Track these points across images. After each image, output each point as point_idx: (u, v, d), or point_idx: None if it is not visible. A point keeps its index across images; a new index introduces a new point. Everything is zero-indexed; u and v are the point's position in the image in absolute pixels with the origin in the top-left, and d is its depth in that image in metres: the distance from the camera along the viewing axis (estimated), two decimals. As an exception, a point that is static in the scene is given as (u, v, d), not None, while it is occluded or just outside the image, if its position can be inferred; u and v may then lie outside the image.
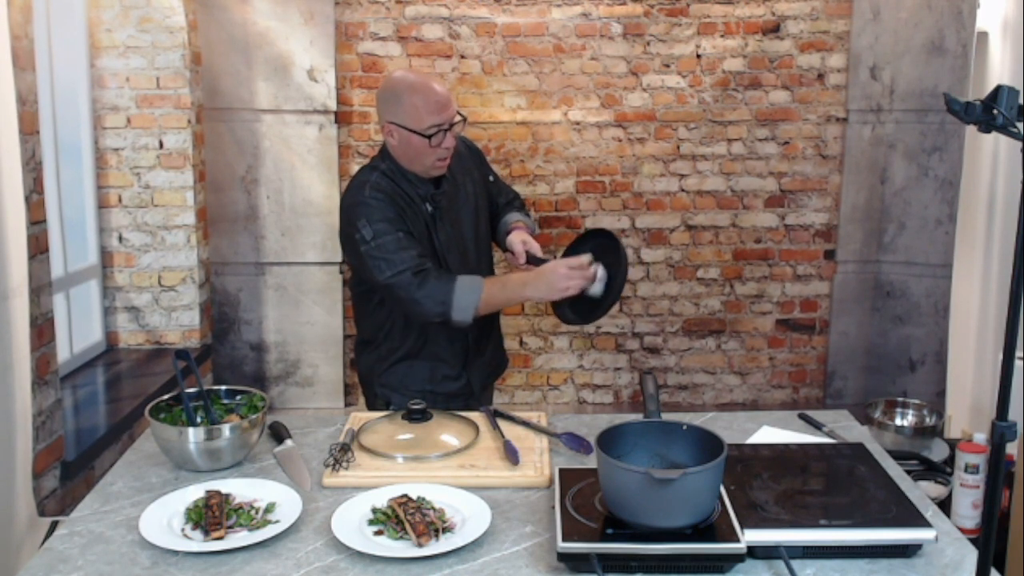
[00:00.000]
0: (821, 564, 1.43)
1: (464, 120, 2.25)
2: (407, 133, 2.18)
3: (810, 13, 4.00)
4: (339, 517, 1.54)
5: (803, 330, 4.25)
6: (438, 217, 2.29)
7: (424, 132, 2.16)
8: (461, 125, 2.24)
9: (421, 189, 2.26)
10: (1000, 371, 1.24)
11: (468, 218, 2.37)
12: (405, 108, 2.17)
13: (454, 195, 2.34)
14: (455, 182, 2.35)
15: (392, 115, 2.20)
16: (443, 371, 2.36)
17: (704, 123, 4.07)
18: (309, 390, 4.12)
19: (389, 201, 2.21)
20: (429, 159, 2.21)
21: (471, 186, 2.39)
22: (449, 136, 2.19)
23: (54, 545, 1.52)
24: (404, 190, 2.25)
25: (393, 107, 2.19)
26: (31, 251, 2.38)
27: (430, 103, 2.16)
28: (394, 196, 2.23)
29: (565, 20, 3.97)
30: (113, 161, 3.63)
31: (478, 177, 2.43)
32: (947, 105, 1.25)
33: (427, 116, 2.16)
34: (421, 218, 2.26)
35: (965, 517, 2.47)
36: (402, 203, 2.24)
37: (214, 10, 3.80)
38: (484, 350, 2.45)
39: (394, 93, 2.20)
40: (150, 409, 1.82)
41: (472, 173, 2.41)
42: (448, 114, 2.18)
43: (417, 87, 2.19)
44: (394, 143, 2.22)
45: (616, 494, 1.44)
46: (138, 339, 3.73)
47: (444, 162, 2.25)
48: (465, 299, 2.15)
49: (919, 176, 3.98)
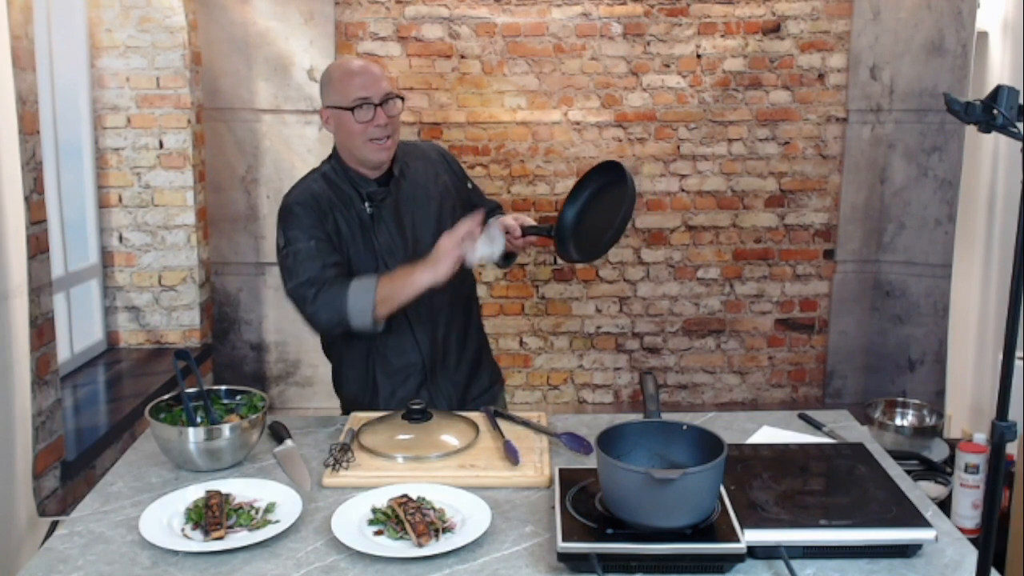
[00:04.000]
0: (821, 564, 1.43)
1: (401, 99, 2.17)
2: (338, 112, 2.14)
3: (810, 13, 4.00)
4: (339, 517, 1.54)
5: (803, 330, 4.25)
6: (378, 217, 2.19)
7: (348, 106, 2.12)
8: (396, 104, 2.15)
9: (362, 187, 2.19)
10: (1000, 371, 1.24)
11: (426, 220, 2.24)
12: (334, 86, 2.15)
13: (408, 195, 2.24)
14: (413, 182, 2.25)
15: (326, 99, 2.18)
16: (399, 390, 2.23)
17: (704, 123, 4.07)
18: (309, 390, 4.12)
19: (313, 206, 2.16)
20: (360, 138, 2.13)
21: (435, 188, 2.28)
22: (380, 114, 2.11)
23: (54, 545, 1.52)
24: (342, 190, 2.19)
25: (326, 90, 2.18)
26: (31, 251, 2.38)
27: (355, 77, 2.13)
28: (323, 199, 2.17)
29: (565, 20, 3.97)
30: (113, 161, 3.63)
31: (448, 181, 2.32)
32: (947, 105, 1.25)
33: (352, 90, 2.11)
34: (357, 219, 2.18)
35: (965, 517, 2.47)
36: (332, 206, 2.17)
37: (214, 10, 3.80)
38: (448, 363, 2.28)
39: (326, 76, 2.19)
40: (150, 409, 1.82)
41: (440, 177, 2.31)
42: (375, 89, 2.12)
43: (344, 65, 2.19)
44: (332, 129, 2.19)
45: (616, 494, 1.44)
46: (138, 339, 3.73)
47: (380, 144, 2.14)
48: (359, 302, 2.05)
49: (919, 176, 3.98)
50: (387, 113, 2.13)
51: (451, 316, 2.28)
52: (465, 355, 2.33)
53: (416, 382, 2.24)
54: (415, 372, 2.24)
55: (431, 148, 2.40)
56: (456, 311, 2.29)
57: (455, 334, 2.30)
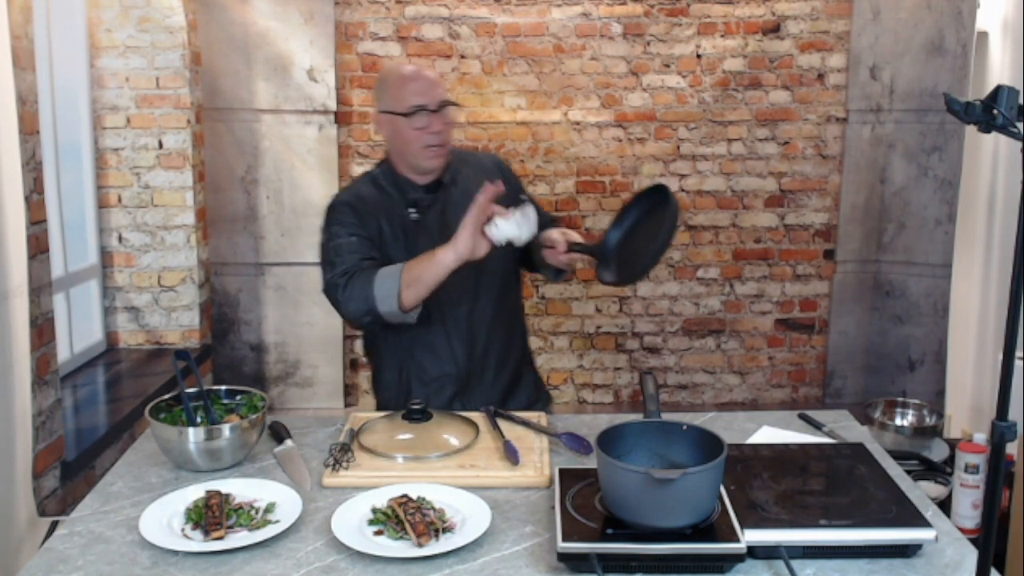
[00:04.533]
0: (821, 564, 1.43)
1: (456, 105, 2.18)
2: (393, 118, 2.13)
3: (810, 13, 4.00)
4: (339, 517, 1.54)
5: (802, 330, 4.25)
6: (422, 224, 2.18)
7: (405, 112, 2.11)
8: (451, 111, 2.16)
9: (409, 193, 2.20)
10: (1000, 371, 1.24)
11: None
12: (390, 92, 2.15)
13: (455, 204, 2.19)
14: (463, 190, 2.20)
15: (381, 104, 2.17)
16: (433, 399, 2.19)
17: (704, 123, 4.07)
18: (309, 390, 4.12)
19: (358, 207, 2.17)
20: (415, 145, 2.13)
21: None
22: (436, 120, 2.11)
23: (54, 545, 1.52)
24: (389, 195, 2.20)
25: (381, 95, 2.18)
26: (31, 251, 2.38)
27: (412, 83, 2.12)
28: (369, 202, 2.18)
29: (565, 20, 3.98)
30: (113, 161, 3.63)
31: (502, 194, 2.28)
32: (947, 105, 1.25)
33: (409, 96, 2.10)
34: (400, 224, 2.18)
35: (965, 517, 2.47)
36: (378, 210, 2.17)
37: (214, 10, 3.80)
38: (485, 378, 2.25)
39: (381, 80, 2.19)
40: (150, 409, 1.82)
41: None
42: (432, 95, 2.11)
43: (401, 70, 2.17)
44: (386, 136, 2.20)
45: (616, 494, 1.44)
46: (138, 339, 3.73)
47: (435, 151, 2.14)
48: (385, 286, 2.02)
49: (919, 176, 3.98)
50: (442, 120, 2.12)
51: (492, 330, 2.24)
52: (504, 371, 2.28)
53: (450, 393, 2.22)
54: (449, 383, 2.22)
55: (487, 157, 2.38)
56: (498, 326, 2.25)
57: (495, 349, 2.26)
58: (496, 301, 2.24)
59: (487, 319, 2.23)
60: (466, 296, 2.20)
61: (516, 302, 2.36)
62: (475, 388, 2.24)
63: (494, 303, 2.23)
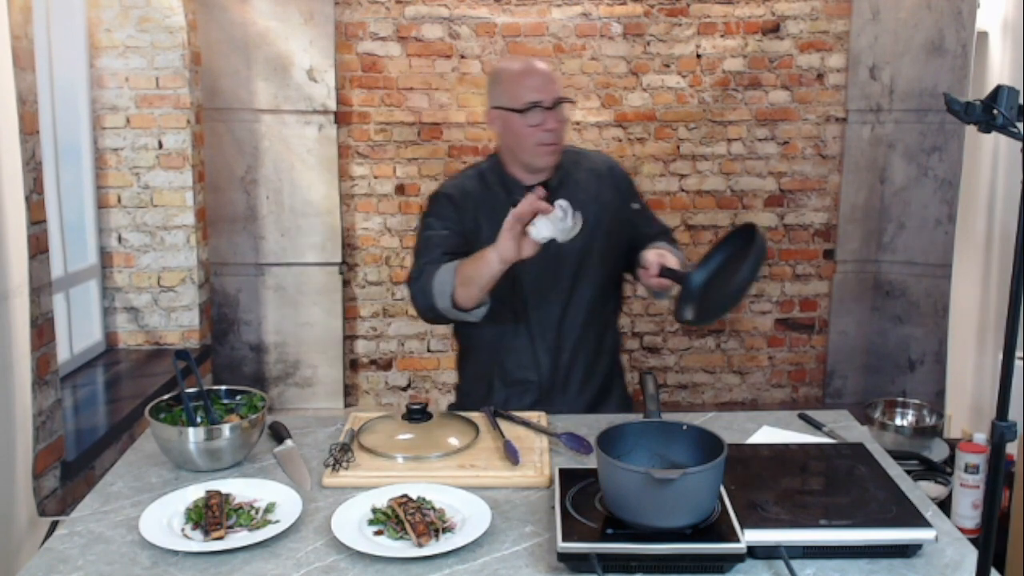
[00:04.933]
0: (821, 564, 1.43)
1: (571, 102, 2.11)
2: (506, 114, 2.08)
3: (810, 13, 4.00)
4: (339, 517, 1.54)
5: (802, 329, 4.25)
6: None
7: (519, 108, 2.05)
8: (566, 108, 2.10)
9: (515, 194, 2.08)
10: (1000, 371, 1.24)
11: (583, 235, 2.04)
12: (504, 87, 2.09)
13: None
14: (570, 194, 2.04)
15: (494, 99, 2.12)
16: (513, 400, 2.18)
17: (704, 123, 4.07)
18: (309, 390, 4.12)
19: (458, 200, 2.16)
20: (529, 141, 2.08)
21: (593, 204, 2.14)
22: (551, 117, 2.06)
23: (54, 545, 1.52)
24: (494, 192, 2.15)
25: (495, 90, 2.12)
26: (31, 251, 2.38)
27: (527, 78, 2.07)
28: (472, 196, 2.15)
29: (565, 20, 3.98)
30: (112, 161, 3.63)
31: (611, 199, 2.21)
32: (947, 105, 1.25)
33: (524, 92, 2.05)
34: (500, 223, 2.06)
35: (965, 517, 2.47)
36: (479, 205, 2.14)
37: (214, 10, 3.80)
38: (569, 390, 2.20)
39: (495, 76, 2.13)
40: (150, 409, 1.82)
41: (602, 193, 2.20)
42: (548, 91, 2.06)
43: (515, 65, 2.12)
44: (498, 132, 2.14)
45: (616, 494, 1.44)
46: (137, 339, 3.73)
47: (548, 148, 2.09)
48: (442, 282, 2.02)
49: (918, 176, 3.98)
50: (557, 118, 2.08)
51: (581, 341, 2.20)
52: (590, 384, 2.23)
53: (531, 399, 2.18)
54: (531, 389, 2.19)
55: (602, 161, 2.29)
56: (588, 336, 2.20)
57: (582, 360, 2.21)
58: (589, 312, 2.18)
59: (576, 328, 2.18)
60: (557, 302, 2.15)
61: (611, 316, 2.29)
62: (557, 398, 2.19)
63: (586, 313, 2.17)
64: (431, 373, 4.21)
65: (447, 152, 4.05)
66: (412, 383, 4.22)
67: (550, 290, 2.15)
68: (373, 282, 4.14)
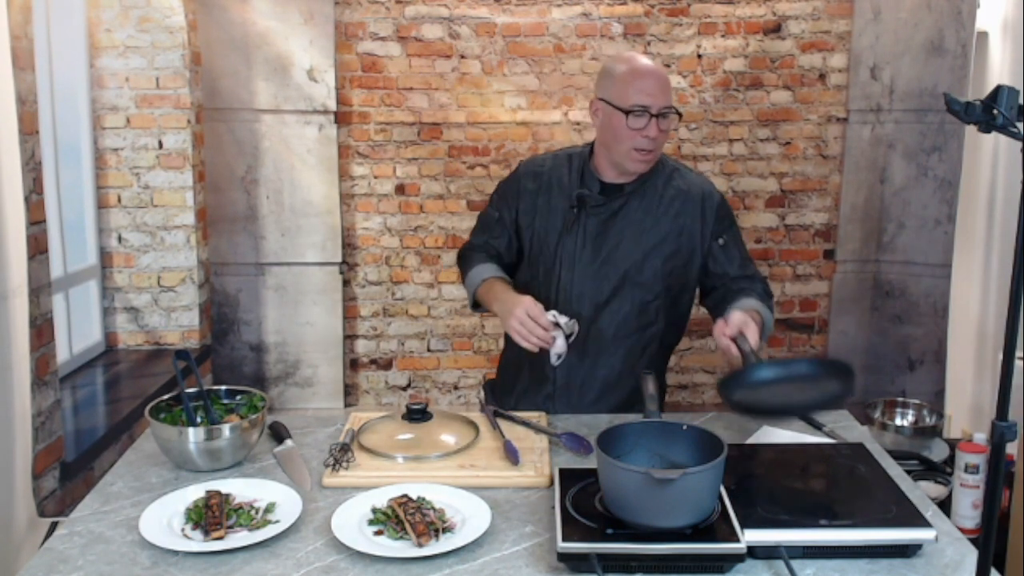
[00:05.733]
0: (821, 564, 1.43)
1: (679, 115, 2.07)
2: (610, 110, 2.05)
3: (811, 13, 4.00)
4: (339, 517, 1.54)
5: (802, 330, 4.25)
6: (581, 222, 2.13)
7: (625, 108, 2.02)
8: (671, 119, 2.06)
9: (583, 188, 2.13)
10: (1000, 371, 1.24)
11: (632, 248, 2.12)
12: (615, 82, 2.06)
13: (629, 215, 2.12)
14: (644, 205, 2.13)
15: (602, 91, 2.10)
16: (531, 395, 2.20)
17: (705, 123, 4.07)
18: (309, 390, 4.12)
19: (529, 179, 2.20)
20: (626, 144, 2.04)
21: (667, 223, 2.13)
22: (653, 125, 2.02)
23: (54, 545, 1.52)
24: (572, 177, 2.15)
25: (605, 82, 2.10)
26: (30, 251, 2.38)
27: (640, 80, 2.03)
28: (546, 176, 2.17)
29: (565, 20, 3.97)
30: (112, 161, 3.63)
31: (690, 226, 2.15)
32: (947, 105, 1.25)
33: (633, 94, 2.02)
34: (561, 215, 2.14)
35: (965, 517, 2.47)
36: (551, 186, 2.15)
37: (214, 10, 3.80)
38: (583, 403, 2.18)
39: (609, 68, 2.10)
40: (150, 409, 1.82)
41: (683, 216, 2.14)
42: (658, 99, 2.02)
43: (633, 64, 2.07)
44: (598, 123, 2.12)
45: (616, 494, 1.44)
46: (137, 339, 3.73)
47: (643, 155, 2.05)
48: (471, 282, 2.21)
49: (919, 176, 3.98)
50: (660, 127, 2.04)
51: (606, 353, 2.16)
52: (609, 398, 2.19)
53: (546, 395, 2.19)
54: (548, 386, 2.18)
55: (698, 184, 2.20)
56: (615, 351, 2.17)
57: (605, 372, 2.17)
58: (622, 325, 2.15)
59: (606, 339, 2.15)
60: (591, 307, 2.13)
61: (653, 337, 2.19)
62: (574, 401, 2.17)
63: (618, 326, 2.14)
64: (431, 373, 4.21)
65: (447, 152, 4.05)
66: (412, 383, 4.22)
67: (586, 294, 2.14)
68: (373, 282, 4.14)
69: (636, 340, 2.18)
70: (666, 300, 2.19)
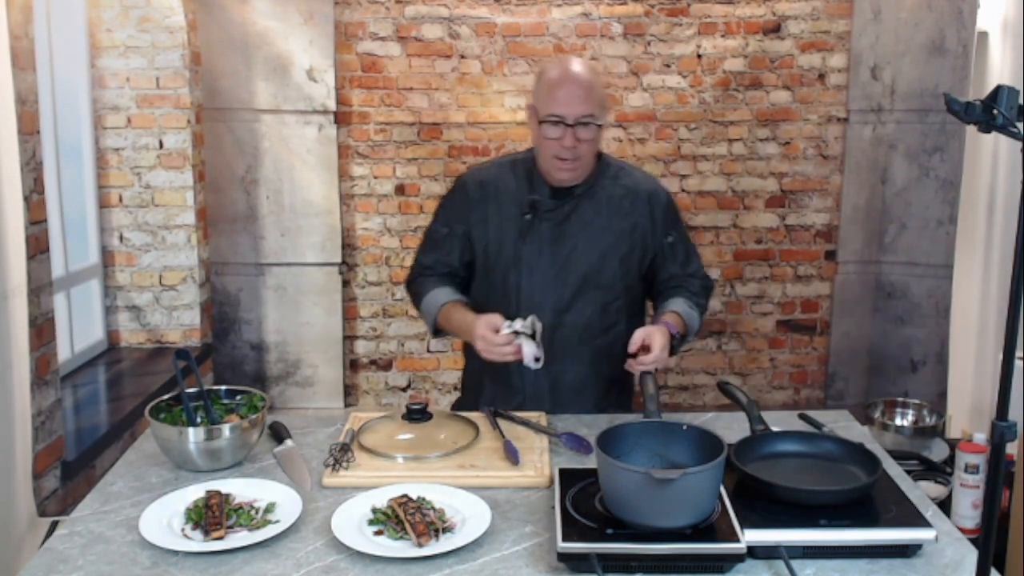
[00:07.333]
0: (821, 564, 1.43)
1: (599, 125, 2.02)
2: (533, 112, 2.06)
3: (811, 13, 4.00)
4: (339, 517, 1.54)
5: (804, 331, 4.25)
6: (535, 228, 2.10)
7: (540, 118, 2.01)
8: (592, 129, 2.01)
9: (537, 190, 2.10)
10: (1000, 371, 1.24)
11: (587, 251, 2.11)
12: (539, 87, 2.06)
13: (581, 218, 2.10)
14: (595, 208, 2.11)
15: (533, 95, 2.10)
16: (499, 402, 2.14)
17: (705, 123, 4.07)
18: (309, 390, 4.12)
19: (473, 191, 2.15)
20: (547, 152, 2.03)
21: (619, 224, 2.12)
22: (569, 135, 1.98)
23: (54, 545, 1.52)
24: (520, 183, 2.12)
25: (535, 87, 2.09)
26: (31, 251, 2.38)
27: (559, 89, 2.00)
28: (492, 185, 2.14)
29: (565, 20, 3.97)
30: (113, 161, 3.64)
31: (640, 225, 2.14)
32: (947, 105, 1.25)
33: (549, 103, 2.00)
34: (514, 223, 2.11)
35: (965, 517, 2.47)
36: (498, 195, 2.12)
37: (214, 10, 3.80)
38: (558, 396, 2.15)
39: (540, 73, 2.09)
40: (150, 409, 1.82)
41: (632, 216, 2.13)
42: (572, 109, 1.98)
43: (556, 72, 2.04)
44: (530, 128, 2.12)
45: (616, 494, 1.44)
46: (139, 338, 3.73)
47: (564, 164, 2.03)
48: (427, 311, 2.17)
49: (920, 176, 3.98)
50: (578, 136, 2.00)
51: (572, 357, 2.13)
52: (582, 398, 2.17)
53: (517, 403, 2.16)
54: (516, 394, 2.16)
55: (645, 183, 2.19)
56: (581, 354, 2.15)
57: (573, 376, 2.15)
58: (585, 329, 2.13)
59: (570, 344, 2.12)
60: (551, 314, 2.10)
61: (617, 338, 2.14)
62: (546, 406, 2.13)
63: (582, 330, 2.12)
64: (431, 373, 4.21)
65: (447, 152, 4.05)
66: (412, 383, 4.22)
67: (547, 300, 2.12)
68: (373, 282, 4.14)
69: (601, 342, 2.16)
70: (626, 300, 2.18)
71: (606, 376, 2.19)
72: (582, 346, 2.15)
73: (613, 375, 2.18)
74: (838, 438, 1.75)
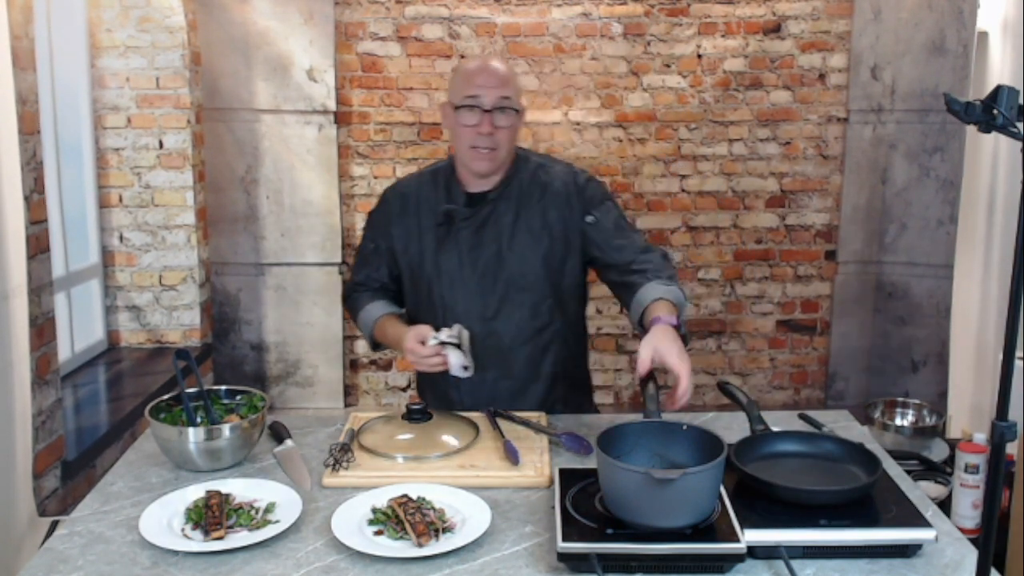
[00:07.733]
0: (821, 564, 1.43)
1: (516, 111, 1.99)
2: (449, 109, 2.02)
3: (811, 13, 3.99)
4: (339, 517, 1.54)
5: (804, 331, 4.25)
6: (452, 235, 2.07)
7: (456, 104, 1.98)
8: (509, 115, 1.98)
9: (449, 202, 2.07)
10: (1000, 371, 1.24)
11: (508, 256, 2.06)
12: (454, 79, 2.05)
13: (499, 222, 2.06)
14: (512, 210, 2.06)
15: (448, 92, 2.07)
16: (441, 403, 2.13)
17: (705, 123, 4.07)
18: (309, 390, 4.12)
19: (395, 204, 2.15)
20: (464, 142, 1.99)
21: (538, 223, 2.06)
22: (486, 121, 1.95)
23: (54, 545, 1.52)
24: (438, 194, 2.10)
25: (450, 83, 2.08)
26: (31, 251, 2.38)
27: (475, 76, 1.98)
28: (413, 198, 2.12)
29: (565, 20, 3.97)
30: (114, 161, 3.64)
31: (557, 217, 2.06)
32: (947, 105, 1.25)
33: (465, 88, 1.97)
34: (433, 234, 2.09)
35: (965, 517, 2.47)
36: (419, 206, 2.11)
37: (214, 10, 3.80)
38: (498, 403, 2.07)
39: (454, 69, 2.10)
40: (150, 409, 1.82)
41: (552, 210, 2.06)
42: (490, 93, 1.95)
43: (472, 63, 2.05)
44: (447, 128, 2.09)
45: (616, 494, 1.44)
46: (139, 338, 3.73)
47: (482, 153, 1.98)
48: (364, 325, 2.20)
49: (920, 176, 3.98)
50: (495, 122, 1.96)
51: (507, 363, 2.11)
52: (525, 400, 2.12)
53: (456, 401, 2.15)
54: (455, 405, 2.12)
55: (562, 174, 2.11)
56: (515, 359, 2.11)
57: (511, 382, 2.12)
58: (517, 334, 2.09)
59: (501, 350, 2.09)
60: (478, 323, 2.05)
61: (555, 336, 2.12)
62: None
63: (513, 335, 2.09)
64: (432, 373, 4.21)
65: (447, 152, 4.05)
66: (412, 383, 4.22)
67: (473, 310, 2.08)
68: (374, 282, 4.14)
69: (535, 344, 2.12)
70: (557, 298, 2.11)
71: (548, 374, 2.15)
72: (516, 350, 2.11)
73: (556, 372, 2.15)
74: (838, 438, 1.75)
